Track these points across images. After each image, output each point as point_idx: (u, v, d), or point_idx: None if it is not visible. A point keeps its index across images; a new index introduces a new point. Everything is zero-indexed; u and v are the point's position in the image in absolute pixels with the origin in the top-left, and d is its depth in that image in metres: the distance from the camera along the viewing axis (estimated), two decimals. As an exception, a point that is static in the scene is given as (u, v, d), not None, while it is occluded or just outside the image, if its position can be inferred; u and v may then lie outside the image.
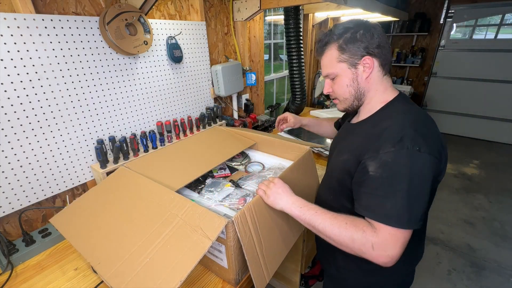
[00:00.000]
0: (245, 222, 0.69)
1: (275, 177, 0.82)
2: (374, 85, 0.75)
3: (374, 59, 0.72)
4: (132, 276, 0.61)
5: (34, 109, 0.87)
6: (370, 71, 0.72)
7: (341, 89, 0.77)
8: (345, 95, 0.77)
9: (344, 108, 0.81)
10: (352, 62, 0.72)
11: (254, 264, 0.72)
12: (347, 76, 0.74)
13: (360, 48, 0.71)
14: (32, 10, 0.82)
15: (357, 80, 0.74)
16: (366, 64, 0.71)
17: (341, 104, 0.81)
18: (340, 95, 0.78)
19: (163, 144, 1.22)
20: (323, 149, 1.47)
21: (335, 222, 0.66)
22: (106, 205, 0.82)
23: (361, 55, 0.71)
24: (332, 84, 0.79)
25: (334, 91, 0.79)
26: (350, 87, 0.75)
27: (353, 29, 0.71)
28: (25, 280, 0.78)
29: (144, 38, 1.08)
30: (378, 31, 0.71)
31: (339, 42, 0.72)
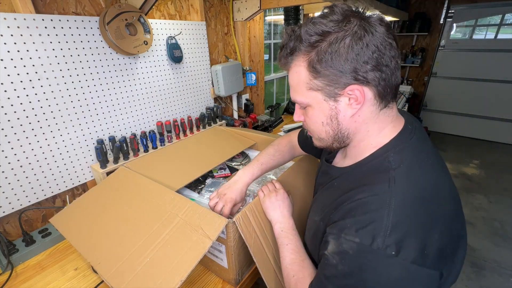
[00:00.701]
0: (248, 223, 0.69)
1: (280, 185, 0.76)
2: (364, 125, 0.51)
3: (366, 88, 0.46)
4: (132, 276, 0.61)
5: (34, 109, 0.87)
6: (358, 107, 0.48)
7: (314, 126, 0.54)
8: (321, 134, 0.55)
9: (321, 147, 0.59)
10: (330, 93, 0.47)
11: (266, 268, 0.69)
12: (322, 111, 0.50)
13: (343, 70, 0.45)
14: (32, 10, 0.82)
15: (337, 118, 0.50)
16: (352, 96, 0.47)
17: (316, 141, 0.59)
18: (313, 131, 0.57)
19: (163, 144, 1.22)
20: (323, 149, 1.47)
21: (288, 267, 0.61)
22: (106, 205, 0.82)
23: (345, 83, 0.46)
24: (304, 114, 0.56)
25: (307, 123, 0.57)
26: (326, 126, 0.52)
27: (334, 32, 0.44)
28: (25, 280, 0.78)
29: (144, 38, 1.08)
30: (378, 37, 0.44)
31: (309, 55, 0.46)
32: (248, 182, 0.83)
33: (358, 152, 0.55)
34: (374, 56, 0.44)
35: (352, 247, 0.44)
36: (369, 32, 0.44)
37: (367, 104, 0.48)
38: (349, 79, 0.45)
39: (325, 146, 0.58)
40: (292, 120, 2.12)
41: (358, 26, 0.44)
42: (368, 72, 0.45)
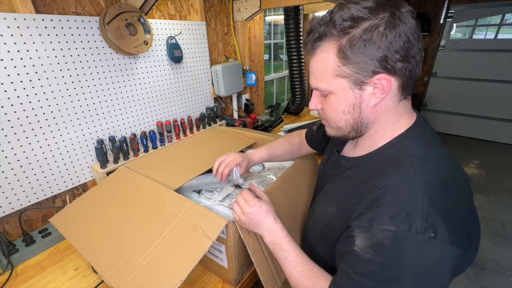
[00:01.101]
0: (246, 222, 0.69)
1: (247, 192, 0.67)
2: (384, 115, 0.51)
3: (393, 78, 0.46)
4: (132, 276, 0.61)
5: (34, 109, 0.87)
6: (382, 97, 0.48)
7: (334, 114, 0.53)
8: (339, 122, 0.54)
9: (335, 136, 0.59)
10: (357, 80, 0.47)
11: (263, 268, 0.70)
12: (346, 99, 0.50)
13: (374, 58, 0.44)
14: (32, 10, 0.82)
15: (360, 107, 0.50)
16: (378, 86, 0.47)
17: (331, 130, 0.58)
18: (331, 119, 0.56)
19: (163, 144, 1.22)
20: (323, 149, 1.47)
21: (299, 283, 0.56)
22: (106, 205, 0.82)
23: (374, 71, 0.46)
24: (323, 101, 0.55)
25: (325, 112, 0.56)
26: (347, 114, 0.52)
27: (369, 19, 0.44)
28: (25, 280, 0.78)
29: (144, 38, 1.08)
30: (410, 27, 0.44)
31: (340, 41, 0.46)
32: (254, 159, 0.87)
33: (373, 141, 0.55)
34: (404, 47, 0.44)
35: (388, 236, 0.43)
36: (402, 22, 0.44)
37: (390, 95, 0.49)
38: (378, 67, 0.45)
39: (340, 135, 0.57)
40: (292, 120, 2.12)
41: (391, 15, 0.44)
42: (397, 62, 0.45)
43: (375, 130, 0.54)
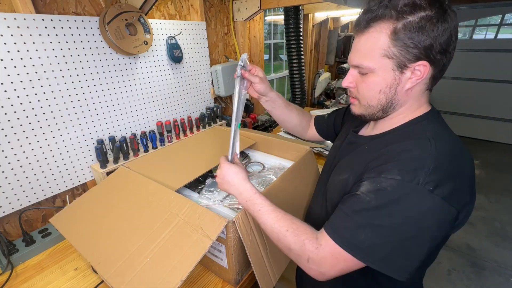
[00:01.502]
0: (246, 223, 0.69)
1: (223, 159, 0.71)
2: (410, 100, 0.57)
3: (432, 67, 0.51)
4: (132, 276, 0.61)
5: (34, 109, 0.87)
6: (417, 82, 0.53)
7: (370, 93, 0.57)
8: (372, 101, 0.58)
9: (361, 114, 0.62)
10: (401, 63, 0.51)
11: (259, 266, 0.71)
12: (385, 79, 0.54)
13: (421, 45, 0.49)
14: (32, 10, 0.82)
15: (396, 89, 0.54)
16: (416, 72, 0.51)
17: (360, 108, 0.62)
18: (364, 97, 0.59)
19: (163, 144, 1.22)
20: (323, 149, 1.47)
21: (275, 226, 0.58)
22: (106, 205, 0.82)
23: (418, 57, 0.50)
24: (359, 80, 0.58)
25: (359, 90, 0.59)
26: (382, 94, 0.55)
27: (425, 8, 0.48)
28: (25, 280, 0.78)
29: (144, 38, 1.08)
30: (454, 26, 0.49)
31: (397, 23, 0.49)
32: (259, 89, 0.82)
33: (393, 123, 0.60)
34: (447, 41, 0.49)
35: (391, 184, 0.49)
36: (450, 19, 0.49)
37: (422, 82, 0.54)
38: (423, 54, 0.50)
39: (367, 114, 0.61)
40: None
41: (444, 11, 0.48)
42: (438, 53, 0.50)
43: (398, 112, 0.59)
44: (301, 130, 0.96)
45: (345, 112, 0.86)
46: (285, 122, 0.93)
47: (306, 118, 0.95)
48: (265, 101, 0.85)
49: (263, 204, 0.62)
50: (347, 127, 0.79)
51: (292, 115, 0.91)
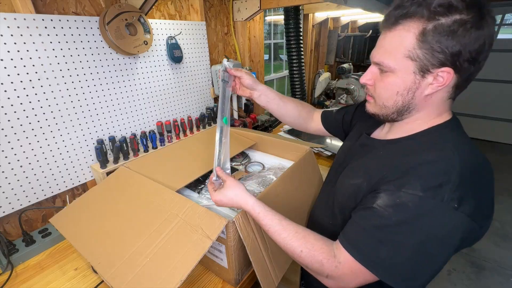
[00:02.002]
0: (247, 223, 0.69)
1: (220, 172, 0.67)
2: (429, 107, 0.54)
3: (456, 75, 0.48)
4: (132, 276, 0.61)
5: (34, 109, 0.87)
6: (438, 89, 0.50)
7: (386, 93, 0.55)
8: (388, 102, 0.56)
9: (375, 114, 0.61)
10: (423, 67, 0.49)
11: (260, 267, 0.71)
12: (405, 81, 0.51)
13: (449, 51, 0.45)
14: (32, 10, 0.82)
15: (414, 93, 0.52)
16: (439, 78, 0.49)
17: (375, 107, 0.60)
18: (380, 97, 0.57)
19: (163, 144, 1.22)
20: (323, 149, 1.47)
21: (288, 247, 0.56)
22: (106, 205, 0.82)
23: (442, 63, 0.47)
24: (378, 78, 0.56)
25: (376, 88, 0.57)
26: (399, 96, 0.53)
27: (462, 12, 0.44)
28: (25, 280, 0.78)
29: (144, 38, 1.08)
30: (489, 35, 0.46)
31: (427, 23, 0.46)
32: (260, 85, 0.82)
33: (410, 128, 0.58)
34: (478, 50, 0.46)
35: (413, 200, 0.46)
36: (486, 27, 0.45)
37: (444, 90, 0.51)
38: (449, 61, 0.47)
39: (381, 114, 0.59)
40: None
41: (480, 17, 0.44)
42: (465, 62, 0.47)
43: (415, 118, 0.57)
44: (303, 122, 0.92)
45: (355, 111, 0.83)
46: (283, 116, 0.89)
47: (306, 110, 0.92)
48: (258, 96, 0.82)
49: (270, 225, 0.59)
50: (358, 128, 0.76)
51: (289, 108, 0.87)
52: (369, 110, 0.62)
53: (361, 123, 0.77)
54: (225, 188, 0.65)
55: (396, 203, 0.48)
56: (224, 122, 0.70)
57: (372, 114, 0.62)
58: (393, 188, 0.49)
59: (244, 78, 0.77)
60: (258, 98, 0.83)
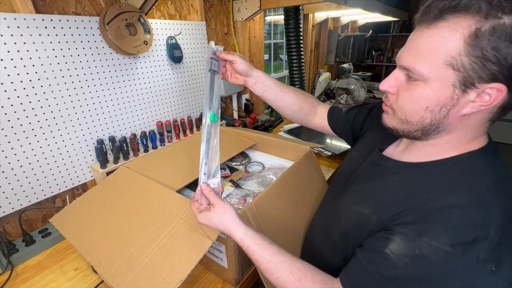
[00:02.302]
0: (247, 223, 0.69)
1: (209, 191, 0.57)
2: (465, 129, 0.44)
3: (509, 94, 0.38)
4: (132, 276, 0.61)
5: (34, 109, 0.87)
6: (480, 109, 0.40)
7: (413, 106, 0.44)
8: (413, 117, 0.45)
9: (393, 128, 0.50)
10: (467, 80, 0.38)
11: None
12: (439, 95, 0.41)
13: (507, 61, 0.35)
14: (32, 10, 0.82)
15: (449, 111, 0.41)
16: (484, 96, 0.38)
17: (393, 120, 0.50)
18: (402, 110, 0.46)
19: (163, 144, 1.22)
20: (323, 149, 1.47)
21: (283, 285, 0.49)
22: (106, 205, 0.82)
23: (495, 77, 0.36)
24: (404, 86, 0.45)
25: (399, 98, 0.47)
26: (428, 112, 0.43)
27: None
28: (25, 280, 0.78)
29: (144, 38, 1.08)
30: None
31: (483, 22, 0.35)
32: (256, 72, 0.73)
33: (435, 151, 0.47)
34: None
35: (439, 255, 0.38)
36: None
37: (487, 110, 0.41)
38: (504, 75, 0.36)
39: (400, 130, 0.49)
40: (292, 120, 2.12)
41: None
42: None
43: (444, 140, 0.46)
44: (303, 116, 0.80)
45: (368, 113, 0.72)
46: (282, 108, 0.78)
47: (309, 103, 0.80)
48: (253, 84, 0.72)
49: (261, 262, 0.52)
50: (370, 138, 0.66)
51: (289, 99, 0.76)
52: (386, 123, 0.52)
53: (374, 131, 0.66)
54: (212, 212, 0.56)
55: (415, 255, 0.39)
56: (211, 119, 0.60)
57: (389, 128, 0.51)
58: (411, 233, 0.40)
59: (237, 62, 0.67)
60: (253, 87, 0.73)
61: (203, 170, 0.59)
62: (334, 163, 1.40)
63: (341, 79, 2.44)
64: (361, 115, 0.74)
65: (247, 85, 0.74)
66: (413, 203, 0.44)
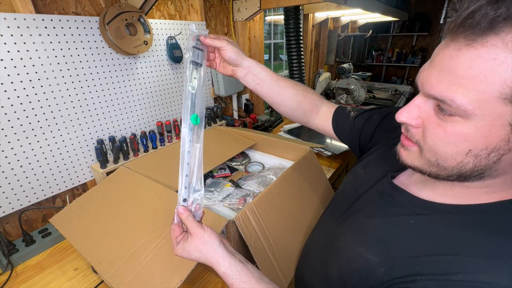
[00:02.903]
0: (248, 223, 0.69)
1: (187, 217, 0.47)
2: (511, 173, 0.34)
3: None
4: (132, 276, 0.61)
5: (34, 109, 0.87)
6: None
7: (449, 148, 0.33)
8: (448, 161, 0.35)
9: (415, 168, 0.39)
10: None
11: (267, 267, 0.69)
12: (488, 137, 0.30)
13: None
14: (32, 10, 0.82)
15: (501, 156, 0.31)
16: None
17: (418, 160, 0.39)
18: (434, 151, 0.35)
19: (163, 144, 1.22)
20: (323, 149, 1.47)
21: None
22: (106, 205, 0.82)
23: None
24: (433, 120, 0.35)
25: (427, 136, 0.35)
26: (471, 157, 0.32)
27: None
28: (25, 280, 0.78)
29: (144, 38, 1.08)
30: None
31: None
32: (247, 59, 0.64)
33: (469, 194, 0.37)
34: None
35: None
36: None
37: None
38: None
39: (428, 172, 0.38)
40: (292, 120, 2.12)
41: None
42: None
43: (485, 184, 0.35)
44: (302, 115, 0.69)
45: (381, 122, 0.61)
46: (277, 105, 0.67)
47: (309, 101, 0.68)
48: (244, 74, 0.62)
49: None
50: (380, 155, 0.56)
51: (286, 95, 0.65)
52: (406, 162, 0.40)
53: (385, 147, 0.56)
54: (190, 243, 0.46)
55: None
56: (192, 121, 0.50)
57: (410, 166, 0.40)
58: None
59: (225, 49, 0.56)
60: (244, 78, 0.63)
61: (183, 183, 0.48)
62: (334, 163, 1.40)
63: (341, 79, 2.44)
64: (372, 123, 0.63)
65: (236, 75, 0.63)
66: (434, 265, 0.34)
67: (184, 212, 0.47)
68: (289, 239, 0.80)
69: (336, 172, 1.36)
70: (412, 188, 0.45)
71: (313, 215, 0.88)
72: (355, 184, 0.57)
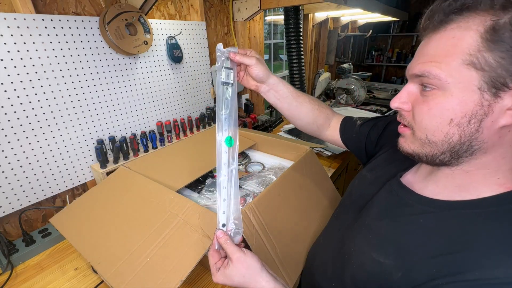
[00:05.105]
0: (249, 222, 0.69)
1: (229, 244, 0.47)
2: (505, 147, 0.35)
3: None
4: (132, 276, 0.61)
5: (34, 109, 0.87)
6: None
7: (434, 121, 0.37)
8: (436, 135, 0.37)
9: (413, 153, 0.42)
10: (496, 80, 0.32)
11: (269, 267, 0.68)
12: (464, 103, 0.34)
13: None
14: (32, 10, 0.82)
15: (481, 122, 0.34)
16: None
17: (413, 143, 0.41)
18: (423, 128, 0.39)
19: (163, 144, 1.22)
20: (323, 149, 1.47)
21: None
22: (106, 205, 0.82)
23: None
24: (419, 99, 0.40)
25: (416, 114, 0.40)
26: (455, 126, 0.35)
27: None
28: (25, 280, 0.78)
29: (144, 38, 1.08)
30: None
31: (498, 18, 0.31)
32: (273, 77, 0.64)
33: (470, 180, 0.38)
34: None
35: None
36: None
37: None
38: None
39: (423, 154, 0.40)
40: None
41: None
42: None
43: (481, 163, 0.37)
44: (316, 129, 0.74)
45: (386, 128, 0.64)
46: (294, 119, 0.71)
47: (324, 115, 0.73)
48: (267, 91, 0.65)
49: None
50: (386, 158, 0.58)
51: (303, 110, 0.69)
52: (404, 148, 0.43)
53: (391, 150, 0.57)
54: (231, 269, 0.45)
55: None
56: (226, 143, 0.48)
57: (408, 154, 0.42)
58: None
59: (254, 67, 0.57)
60: (266, 94, 0.66)
61: (221, 208, 0.48)
62: (334, 163, 1.40)
63: (341, 79, 2.44)
64: (377, 129, 0.66)
65: (259, 91, 0.66)
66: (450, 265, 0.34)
67: (223, 236, 0.47)
68: (292, 238, 0.80)
69: (336, 172, 1.36)
70: (417, 186, 0.46)
71: (319, 214, 0.88)
72: (362, 187, 0.58)
